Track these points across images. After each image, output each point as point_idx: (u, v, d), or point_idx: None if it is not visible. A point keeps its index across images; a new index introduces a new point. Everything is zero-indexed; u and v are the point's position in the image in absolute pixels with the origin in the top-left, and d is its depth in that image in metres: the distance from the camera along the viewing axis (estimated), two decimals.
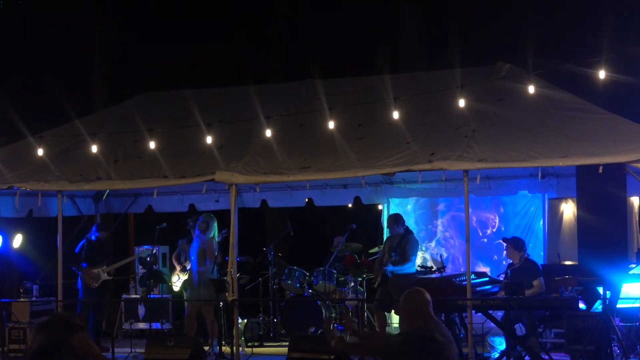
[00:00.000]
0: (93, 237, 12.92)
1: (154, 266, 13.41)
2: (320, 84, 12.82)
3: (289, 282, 13.04)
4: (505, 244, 11.07)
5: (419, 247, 12.26)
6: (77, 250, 12.82)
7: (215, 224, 11.78)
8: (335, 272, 12.87)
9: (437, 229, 13.81)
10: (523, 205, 13.17)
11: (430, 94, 11.42)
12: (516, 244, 10.92)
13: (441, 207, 13.81)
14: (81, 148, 12.24)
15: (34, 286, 13.50)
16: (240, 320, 11.75)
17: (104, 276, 12.82)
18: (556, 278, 10.68)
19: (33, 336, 5.20)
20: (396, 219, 11.92)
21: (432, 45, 18.15)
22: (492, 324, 10.46)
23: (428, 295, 6.09)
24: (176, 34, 19.90)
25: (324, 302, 12.60)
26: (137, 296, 13.88)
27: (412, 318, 5.97)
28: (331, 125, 11.11)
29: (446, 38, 18.34)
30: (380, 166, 10.61)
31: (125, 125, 12.65)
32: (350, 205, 14.66)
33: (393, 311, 12.16)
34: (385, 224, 13.65)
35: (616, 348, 10.03)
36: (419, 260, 12.95)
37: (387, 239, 12.34)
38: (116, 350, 11.48)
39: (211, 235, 11.72)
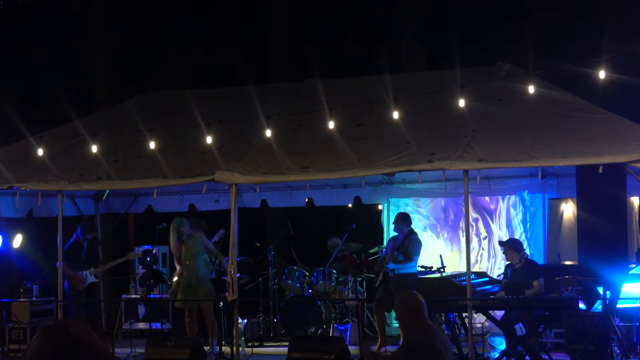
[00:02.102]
0: (81, 239, 12.80)
1: (154, 266, 13.41)
2: (320, 84, 12.82)
3: (289, 282, 13.04)
4: (502, 247, 11.07)
5: (421, 247, 12.24)
6: (65, 248, 12.63)
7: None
8: (335, 272, 12.88)
9: (437, 229, 13.79)
10: (523, 205, 13.17)
11: (430, 94, 11.43)
12: (514, 245, 10.93)
13: (441, 207, 13.78)
14: (81, 148, 12.23)
15: (34, 286, 13.50)
16: (240, 320, 11.75)
17: (91, 278, 12.75)
18: (556, 278, 10.69)
19: (35, 337, 5.19)
20: (403, 218, 11.95)
21: (432, 45, 18.14)
22: (492, 324, 10.46)
23: (422, 298, 6.11)
24: (176, 34, 19.89)
25: (324, 302, 12.60)
26: (137, 296, 13.88)
27: (409, 323, 6.00)
28: (331, 125, 11.11)
29: (446, 38, 18.33)
30: (380, 166, 10.62)
31: (125, 125, 12.65)
32: (350, 205, 14.66)
33: (393, 311, 12.15)
34: (385, 224, 13.66)
35: (616, 348, 10.04)
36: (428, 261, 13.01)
37: (390, 238, 12.36)
38: (116, 350, 11.49)
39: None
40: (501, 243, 11.24)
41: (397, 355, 5.98)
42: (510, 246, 10.90)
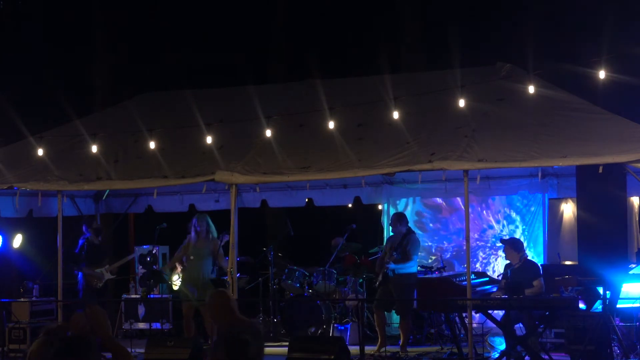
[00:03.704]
0: (89, 237, 12.88)
1: (154, 266, 13.41)
2: (320, 84, 12.82)
3: (289, 282, 13.04)
4: (503, 245, 11.06)
5: (420, 247, 12.23)
6: (77, 250, 12.79)
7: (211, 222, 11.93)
8: (335, 272, 12.87)
9: (437, 229, 13.78)
10: (523, 205, 13.16)
11: (430, 94, 11.43)
12: (514, 244, 10.92)
13: (441, 207, 13.78)
14: (81, 148, 12.24)
15: (34, 286, 13.50)
16: None
17: (108, 275, 12.82)
18: (556, 278, 10.68)
19: (37, 339, 5.20)
20: (400, 218, 11.94)
21: (432, 45, 18.14)
22: (492, 324, 10.46)
23: (229, 294, 6.31)
24: (176, 34, 19.89)
25: (324, 302, 12.60)
26: (137, 296, 13.88)
27: (219, 319, 6.18)
28: (331, 125, 11.11)
29: (446, 38, 18.33)
30: (380, 166, 10.62)
31: (125, 125, 12.66)
32: (350, 205, 14.65)
33: (394, 311, 12.16)
34: (385, 224, 13.65)
35: (616, 348, 10.04)
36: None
37: (388, 238, 12.35)
38: None
39: (215, 235, 11.89)
40: (502, 241, 11.24)
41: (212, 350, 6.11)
42: (511, 245, 10.89)
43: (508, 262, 11.02)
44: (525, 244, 11.79)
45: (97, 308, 5.09)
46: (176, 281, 13.11)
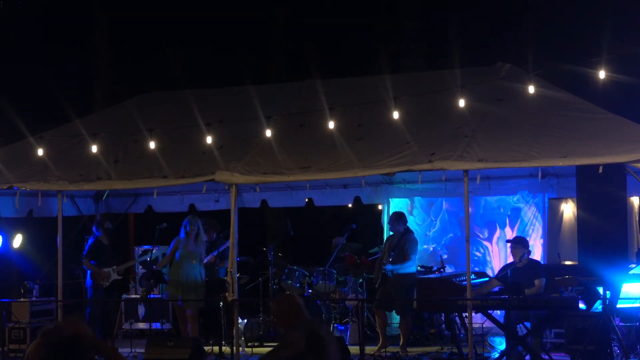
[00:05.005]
0: (100, 236, 12.90)
1: (154, 266, 13.41)
2: (320, 84, 12.82)
3: (289, 282, 13.03)
4: (510, 244, 11.05)
5: (418, 246, 12.22)
6: (86, 248, 12.78)
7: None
8: (335, 272, 12.87)
9: (437, 229, 13.78)
10: (523, 205, 13.16)
11: (430, 94, 11.43)
12: (522, 242, 10.89)
13: (441, 207, 13.78)
14: (81, 148, 12.24)
15: (34, 286, 13.50)
16: (240, 320, 11.76)
17: (114, 276, 12.83)
18: (556, 278, 10.67)
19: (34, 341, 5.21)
20: (398, 217, 11.91)
21: (432, 45, 18.14)
22: (492, 323, 10.46)
23: (298, 297, 6.30)
24: (176, 34, 19.91)
25: (324, 302, 12.60)
26: (137, 296, 13.88)
27: (290, 322, 6.18)
28: (331, 125, 11.12)
29: (446, 38, 18.35)
30: (380, 166, 10.62)
31: (125, 125, 12.66)
32: (350, 205, 14.65)
33: (394, 311, 12.16)
34: (385, 224, 13.65)
35: (616, 348, 10.04)
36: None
37: (387, 237, 12.34)
38: None
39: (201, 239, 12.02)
40: (509, 240, 11.22)
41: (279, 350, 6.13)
42: (520, 243, 10.86)
43: (511, 261, 11.00)
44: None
45: (74, 318, 5.07)
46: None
